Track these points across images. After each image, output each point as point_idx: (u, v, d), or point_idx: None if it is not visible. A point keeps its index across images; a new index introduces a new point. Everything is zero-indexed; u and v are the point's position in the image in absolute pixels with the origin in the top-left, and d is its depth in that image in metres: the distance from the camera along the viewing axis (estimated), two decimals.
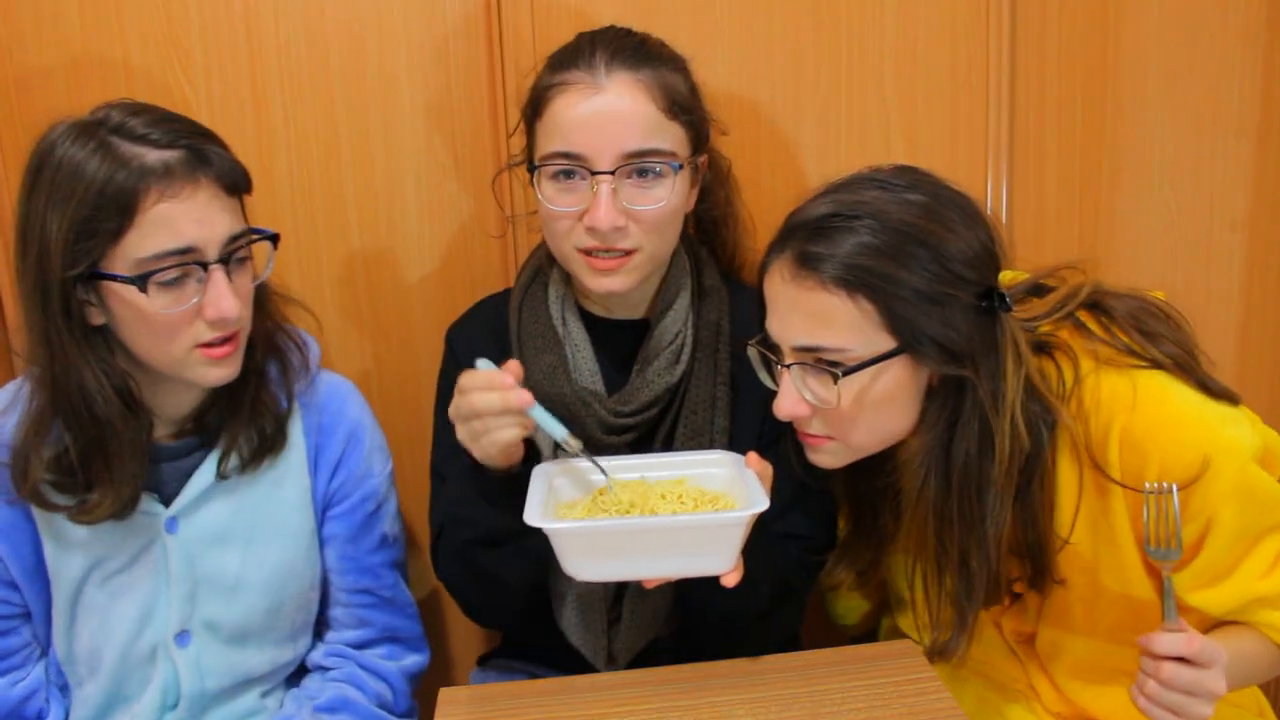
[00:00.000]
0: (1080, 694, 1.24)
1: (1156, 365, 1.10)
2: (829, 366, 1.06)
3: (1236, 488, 1.06)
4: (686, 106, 1.21)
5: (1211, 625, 1.14)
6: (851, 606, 1.49)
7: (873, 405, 1.08)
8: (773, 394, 1.26)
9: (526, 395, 1.06)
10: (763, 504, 1.04)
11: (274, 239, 1.18)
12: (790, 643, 1.40)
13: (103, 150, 1.05)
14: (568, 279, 1.31)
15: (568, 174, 1.17)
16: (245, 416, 1.21)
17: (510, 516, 1.15)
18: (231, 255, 1.11)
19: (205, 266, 1.08)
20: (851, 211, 1.06)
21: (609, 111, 1.15)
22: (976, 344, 1.06)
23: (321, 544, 1.30)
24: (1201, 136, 1.65)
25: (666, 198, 1.19)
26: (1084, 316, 1.14)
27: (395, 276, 1.58)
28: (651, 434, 1.27)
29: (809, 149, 1.60)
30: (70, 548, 1.18)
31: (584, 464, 1.17)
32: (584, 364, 1.28)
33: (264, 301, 1.22)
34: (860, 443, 1.12)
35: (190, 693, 1.23)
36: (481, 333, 1.36)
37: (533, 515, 1.04)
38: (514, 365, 1.09)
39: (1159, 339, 1.12)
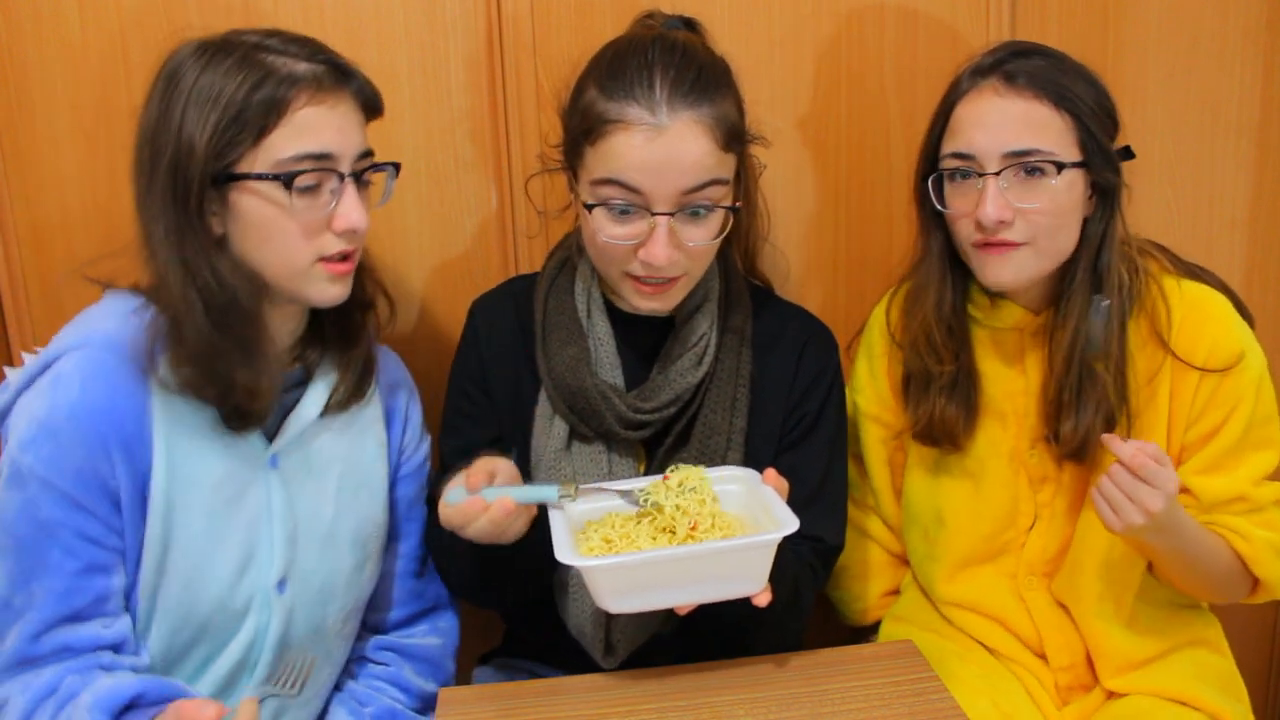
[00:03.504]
0: (1092, 629, 1.32)
1: (1206, 285, 1.31)
2: (1048, 162, 1.21)
3: (1258, 382, 1.26)
4: (739, 134, 1.21)
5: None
6: (865, 589, 1.53)
7: (1065, 211, 1.23)
8: (786, 399, 1.32)
9: (507, 502, 1.07)
10: (793, 524, 1.05)
11: (396, 168, 1.21)
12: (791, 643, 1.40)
13: (249, 60, 1.06)
14: (595, 272, 1.31)
15: (625, 208, 1.17)
16: (354, 348, 1.23)
17: (493, 564, 1.19)
18: (361, 174, 1.13)
19: (341, 177, 1.10)
20: (1031, 49, 1.26)
21: (671, 155, 1.14)
22: (1121, 170, 1.26)
23: (392, 507, 1.31)
24: (1201, 136, 1.65)
25: (718, 230, 1.20)
26: (1146, 247, 1.34)
27: (395, 276, 1.58)
28: (667, 430, 1.28)
29: (809, 147, 1.60)
30: (185, 473, 1.12)
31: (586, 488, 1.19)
32: (606, 358, 1.29)
33: (367, 249, 1.24)
34: (1046, 247, 1.24)
35: (275, 646, 1.19)
36: (505, 311, 1.36)
37: (564, 553, 1.05)
38: (475, 479, 1.09)
39: (1205, 272, 1.34)
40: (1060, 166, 1.21)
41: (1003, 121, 1.22)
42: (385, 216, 1.55)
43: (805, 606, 1.28)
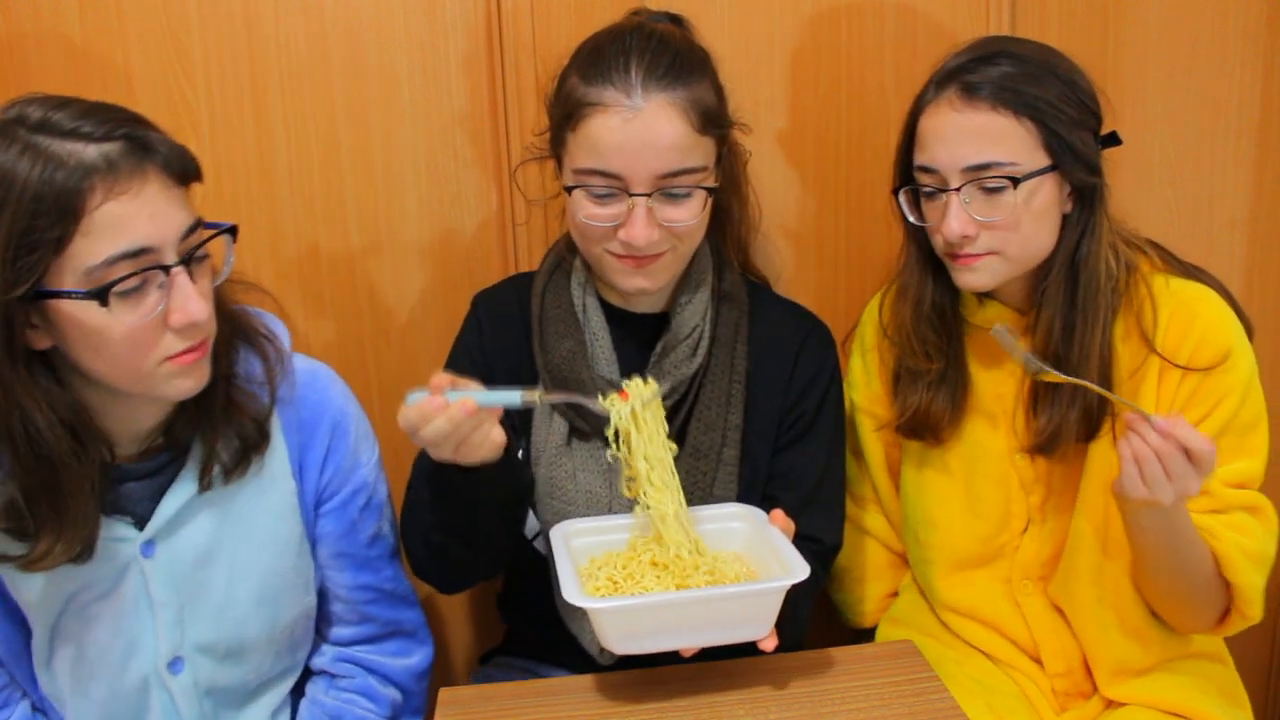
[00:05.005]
0: (1088, 634, 1.31)
1: (1202, 284, 1.30)
2: (1004, 179, 1.20)
3: (1244, 384, 1.24)
4: (716, 119, 1.22)
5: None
6: (866, 592, 1.53)
7: (1030, 218, 1.22)
8: (784, 396, 1.32)
9: (468, 402, 1.03)
10: (803, 571, 1.05)
11: (232, 232, 1.07)
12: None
13: (31, 151, 0.93)
14: (589, 269, 1.33)
15: (604, 191, 1.18)
16: (221, 423, 1.11)
17: (475, 509, 1.16)
18: (191, 255, 1.01)
19: (166, 270, 0.99)
20: (998, 50, 1.24)
21: (646, 136, 1.16)
22: (1100, 166, 1.25)
23: (314, 544, 1.24)
24: (1201, 136, 1.65)
25: (699, 212, 1.21)
26: (1141, 245, 1.33)
27: (395, 276, 1.58)
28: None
29: (809, 146, 1.61)
30: (37, 583, 1.10)
31: (596, 522, 1.19)
32: (601, 353, 1.29)
33: (221, 298, 1.11)
34: (1016, 253, 1.24)
35: (198, 710, 1.18)
36: (508, 304, 1.37)
37: (571, 592, 1.04)
38: (439, 380, 1.06)
39: (1203, 272, 1.32)
40: (1017, 181, 1.19)
41: (960, 137, 1.21)
42: (385, 216, 1.56)
43: (804, 617, 1.28)
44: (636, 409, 1.12)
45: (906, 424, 1.37)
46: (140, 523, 1.12)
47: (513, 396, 1.06)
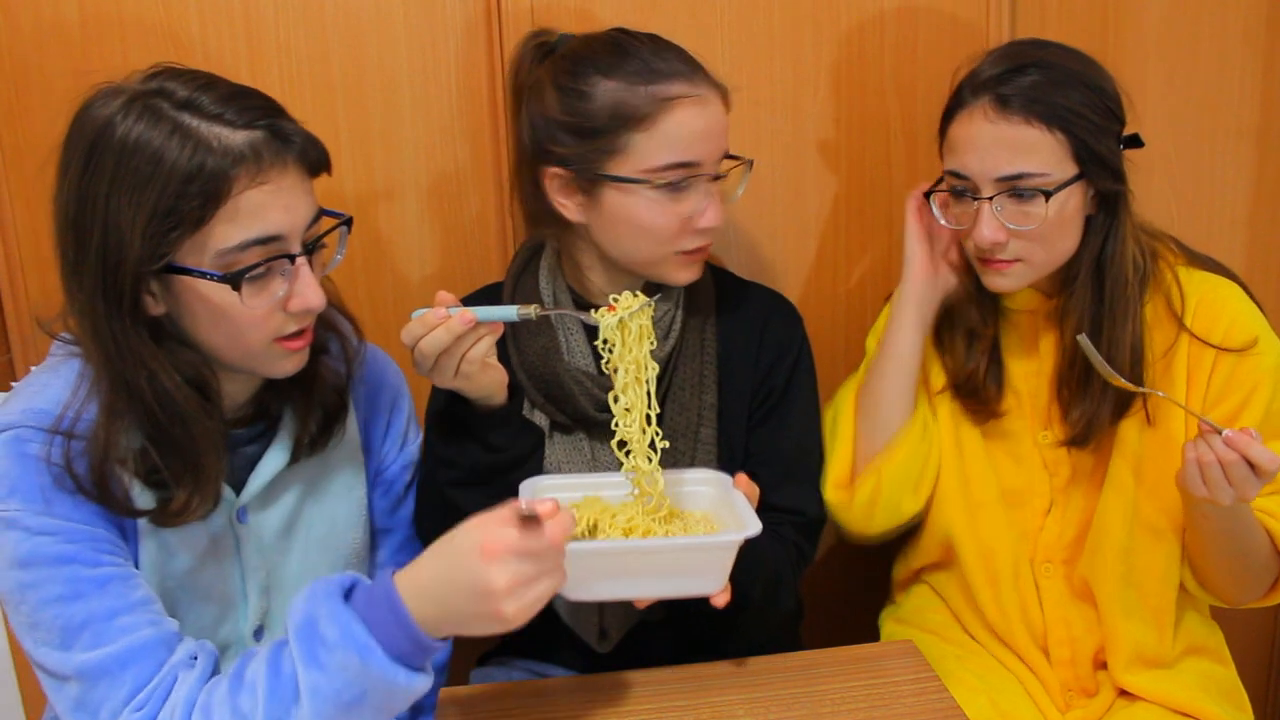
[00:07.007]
0: (1112, 611, 1.32)
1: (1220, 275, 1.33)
2: (1036, 190, 1.22)
3: (1276, 369, 1.27)
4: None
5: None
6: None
7: (1059, 226, 1.25)
8: (753, 373, 1.34)
9: (467, 313, 1.07)
10: (755, 527, 1.06)
11: (349, 223, 1.12)
12: (790, 643, 1.41)
13: (180, 132, 0.96)
14: (558, 266, 1.34)
15: (680, 183, 1.21)
16: (313, 397, 1.16)
17: (494, 453, 1.18)
18: (315, 244, 1.06)
19: (291, 258, 1.03)
20: (1029, 60, 1.25)
21: (714, 122, 1.23)
22: (1124, 172, 1.27)
23: (372, 517, 1.27)
24: (1201, 136, 1.66)
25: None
26: (1161, 237, 1.36)
27: (395, 277, 1.58)
28: None
29: (809, 146, 1.61)
30: (150, 543, 1.08)
31: (562, 480, 1.20)
32: (576, 345, 1.31)
33: None
34: (1043, 260, 1.27)
35: None
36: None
37: None
38: (443, 295, 1.10)
39: (1217, 263, 1.35)
40: (1049, 194, 1.22)
41: (992, 147, 1.23)
42: (385, 217, 1.56)
43: (788, 591, 1.29)
44: (625, 319, 1.14)
45: (964, 385, 1.38)
46: (234, 489, 1.15)
47: (509, 311, 1.10)
